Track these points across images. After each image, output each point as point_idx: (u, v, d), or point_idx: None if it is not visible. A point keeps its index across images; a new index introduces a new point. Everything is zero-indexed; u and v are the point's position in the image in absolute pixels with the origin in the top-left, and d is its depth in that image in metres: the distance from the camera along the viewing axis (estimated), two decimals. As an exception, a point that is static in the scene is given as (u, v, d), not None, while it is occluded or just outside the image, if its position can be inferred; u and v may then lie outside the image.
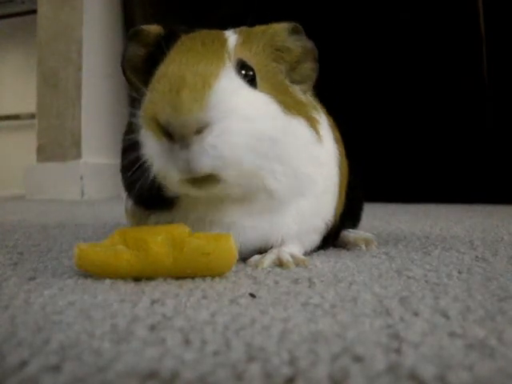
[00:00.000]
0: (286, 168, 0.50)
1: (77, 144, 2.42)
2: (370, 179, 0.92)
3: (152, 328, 0.32)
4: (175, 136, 0.42)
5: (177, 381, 0.24)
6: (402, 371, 0.25)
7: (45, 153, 2.49)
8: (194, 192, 0.47)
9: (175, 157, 0.43)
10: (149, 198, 0.51)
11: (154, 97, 0.43)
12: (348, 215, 0.67)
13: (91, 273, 0.47)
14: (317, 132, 0.54)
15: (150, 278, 0.46)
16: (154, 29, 0.54)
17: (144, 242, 0.45)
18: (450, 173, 1.82)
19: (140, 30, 0.54)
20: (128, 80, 0.55)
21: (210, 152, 0.42)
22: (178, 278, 0.46)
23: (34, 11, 2.69)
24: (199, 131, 0.42)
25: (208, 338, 0.30)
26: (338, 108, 0.68)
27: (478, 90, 1.78)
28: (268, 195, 0.50)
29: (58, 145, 2.47)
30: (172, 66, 0.44)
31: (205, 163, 0.43)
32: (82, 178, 2.35)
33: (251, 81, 0.48)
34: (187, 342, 0.29)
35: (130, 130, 0.50)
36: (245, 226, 0.52)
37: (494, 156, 1.77)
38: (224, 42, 0.49)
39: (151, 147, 0.44)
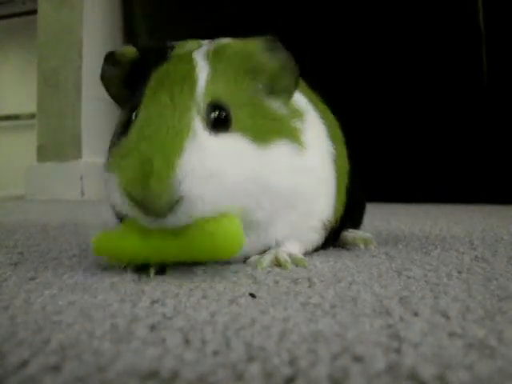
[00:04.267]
0: (269, 194, 0.50)
1: (77, 144, 2.42)
2: (370, 179, 0.92)
3: (152, 328, 0.32)
4: (150, 213, 0.45)
5: (177, 381, 0.24)
6: (402, 371, 0.25)
7: (45, 153, 2.49)
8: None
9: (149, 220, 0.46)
10: None
11: (128, 172, 0.45)
12: (349, 215, 0.67)
13: (107, 257, 0.50)
14: (299, 143, 0.53)
15: (149, 278, 0.47)
16: (127, 51, 0.55)
17: None
18: (450, 173, 1.81)
19: (114, 52, 0.56)
20: (109, 94, 0.59)
21: (183, 218, 0.45)
22: (179, 277, 0.47)
23: (34, 11, 2.69)
24: (171, 209, 0.44)
25: (208, 338, 0.30)
26: (337, 108, 0.68)
27: (477, 90, 1.78)
28: (250, 224, 0.50)
29: (58, 145, 2.46)
30: (143, 143, 0.45)
31: (179, 223, 0.45)
32: (81, 177, 2.34)
33: (224, 121, 0.48)
34: (187, 341, 0.29)
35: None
36: None
37: (494, 156, 1.77)
38: (194, 84, 0.48)
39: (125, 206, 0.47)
